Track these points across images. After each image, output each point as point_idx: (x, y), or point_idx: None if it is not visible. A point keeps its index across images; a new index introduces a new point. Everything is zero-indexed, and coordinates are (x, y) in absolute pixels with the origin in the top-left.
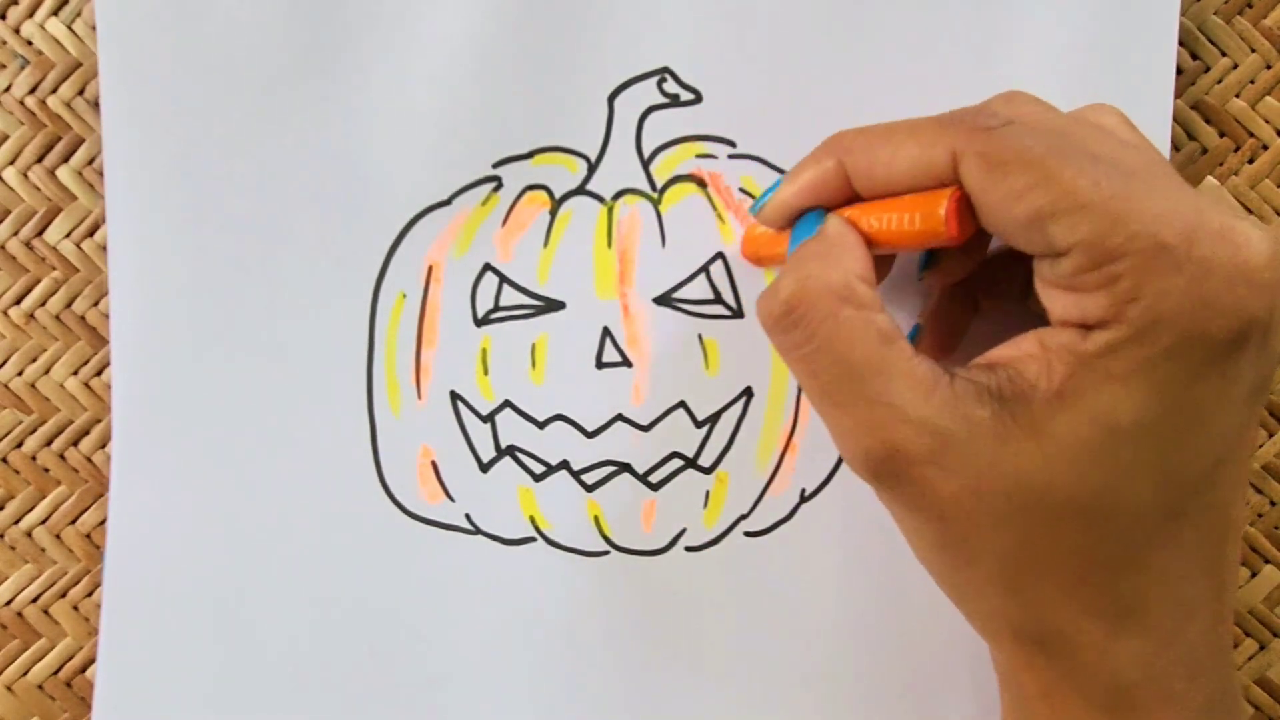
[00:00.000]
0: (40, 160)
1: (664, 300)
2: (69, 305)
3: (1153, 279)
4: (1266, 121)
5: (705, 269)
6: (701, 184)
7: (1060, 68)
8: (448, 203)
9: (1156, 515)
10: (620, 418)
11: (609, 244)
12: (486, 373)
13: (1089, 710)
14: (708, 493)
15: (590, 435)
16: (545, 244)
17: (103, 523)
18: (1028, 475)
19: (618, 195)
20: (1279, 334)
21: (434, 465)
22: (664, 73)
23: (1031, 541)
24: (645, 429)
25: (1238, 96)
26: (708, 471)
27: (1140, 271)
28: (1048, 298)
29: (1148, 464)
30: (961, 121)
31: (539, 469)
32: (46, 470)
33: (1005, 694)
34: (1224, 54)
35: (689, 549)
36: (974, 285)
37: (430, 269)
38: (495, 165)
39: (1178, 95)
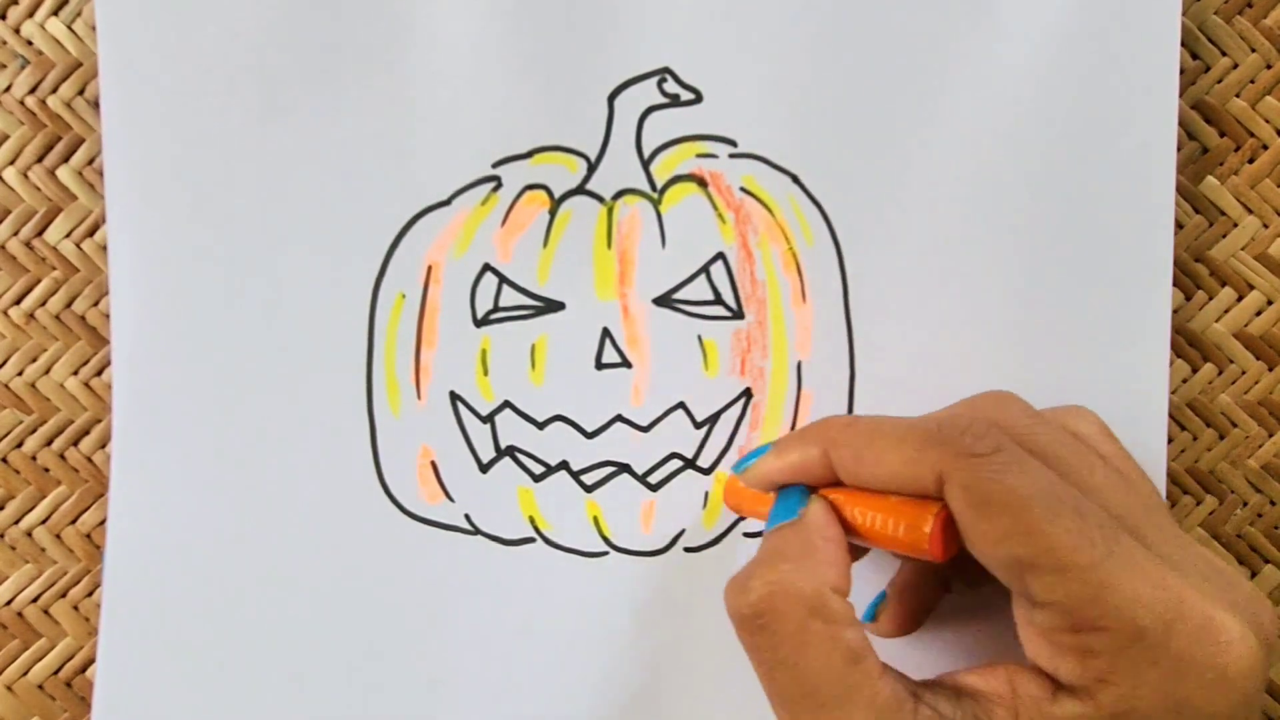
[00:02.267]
0: (40, 160)
1: (664, 301)
2: (69, 305)
3: (1128, 666)
4: (1266, 121)
5: (705, 269)
6: (702, 184)
7: (1062, 68)
8: (447, 203)
9: None
10: (620, 418)
11: (609, 244)
12: (486, 373)
13: None
14: (707, 493)
15: (590, 436)
16: (545, 244)
17: (103, 523)
18: None
19: (618, 195)
20: None
21: (434, 465)
22: (664, 73)
23: None
24: (645, 429)
25: (1238, 96)
26: (707, 472)
27: (1116, 653)
28: (1024, 633)
29: None
30: (949, 442)
31: (539, 469)
32: (46, 470)
33: None
34: (1224, 54)
35: (688, 549)
36: (947, 566)
37: (430, 269)
38: (495, 165)
39: (1178, 95)
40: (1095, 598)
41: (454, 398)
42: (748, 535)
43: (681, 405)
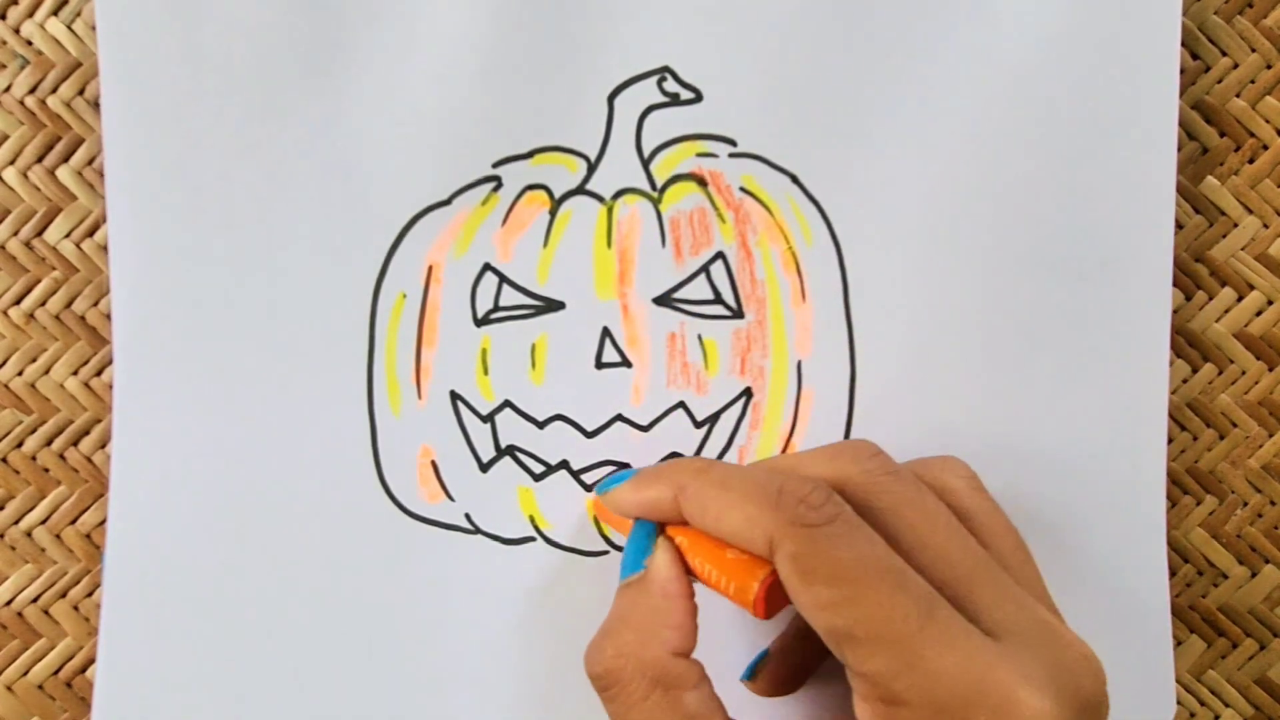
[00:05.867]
0: (40, 160)
1: (664, 300)
2: (69, 305)
3: None
4: (1266, 121)
5: (705, 269)
6: (702, 183)
7: (1062, 68)
8: (448, 203)
9: None
10: (620, 418)
11: (609, 244)
12: (486, 373)
13: None
14: None
15: (590, 435)
16: (545, 244)
17: (103, 523)
18: None
19: (617, 195)
20: None
21: (434, 465)
22: (664, 72)
23: None
24: (645, 429)
25: (1238, 96)
26: None
27: None
28: (854, 697)
29: None
30: (784, 509)
31: (539, 469)
32: (46, 470)
33: None
34: (1224, 54)
35: None
36: None
37: (430, 269)
38: (495, 165)
39: (1179, 95)
40: (902, 672)
41: (454, 397)
42: None
43: (682, 404)
